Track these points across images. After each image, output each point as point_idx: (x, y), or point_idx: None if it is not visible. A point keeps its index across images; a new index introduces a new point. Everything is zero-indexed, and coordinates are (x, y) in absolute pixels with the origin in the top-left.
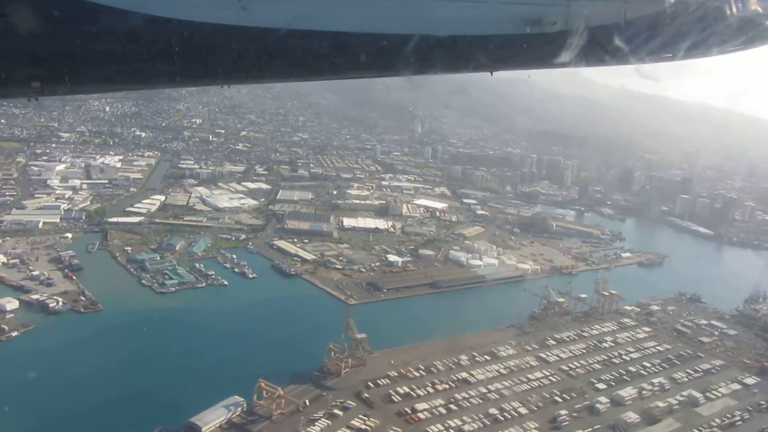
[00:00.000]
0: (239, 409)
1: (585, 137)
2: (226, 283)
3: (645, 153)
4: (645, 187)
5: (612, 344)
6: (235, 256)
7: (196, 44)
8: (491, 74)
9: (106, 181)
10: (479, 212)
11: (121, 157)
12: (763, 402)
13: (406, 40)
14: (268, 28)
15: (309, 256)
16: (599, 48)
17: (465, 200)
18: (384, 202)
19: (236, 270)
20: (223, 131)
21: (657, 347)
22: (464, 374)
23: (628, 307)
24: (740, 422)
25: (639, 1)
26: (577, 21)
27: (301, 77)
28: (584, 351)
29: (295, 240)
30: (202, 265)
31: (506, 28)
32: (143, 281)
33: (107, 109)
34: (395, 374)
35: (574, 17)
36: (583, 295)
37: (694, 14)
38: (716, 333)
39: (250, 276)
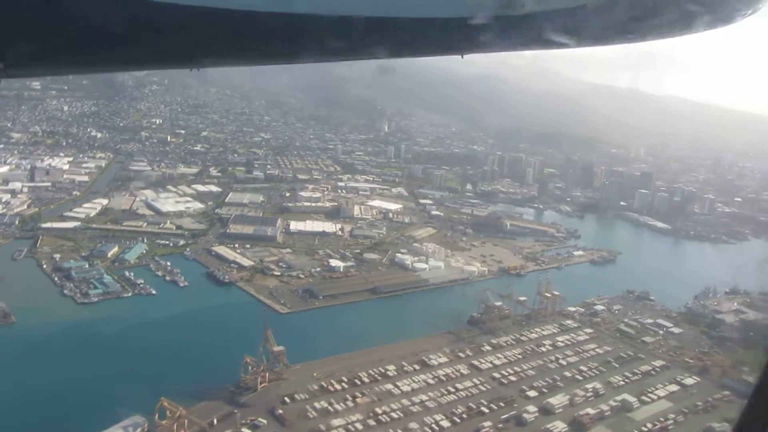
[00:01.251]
0: (139, 429)
1: (552, 133)
2: (154, 292)
3: (611, 148)
4: (605, 183)
5: (550, 348)
6: (169, 264)
7: (164, 25)
8: (462, 57)
9: (50, 184)
10: (434, 213)
11: (70, 159)
12: (699, 403)
13: (374, 23)
14: (236, 10)
15: (247, 263)
16: (569, 29)
17: (421, 200)
18: (336, 204)
19: (168, 278)
20: (183, 132)
21: (596, 350)
22: (389, 386)
23: (572, 308)
24: (673, 426)
25: None
26: (546, 2)
27: (267, 60)
28: (519, 356)
29: (236, 245)
30: (132, 273)
31: (475, 10)
32: (65, 291)
33: (65, 108)
34: (316, 388)
35: None
36: (523, 298)
37: None
38: (661, 332)
39: (181, 284)
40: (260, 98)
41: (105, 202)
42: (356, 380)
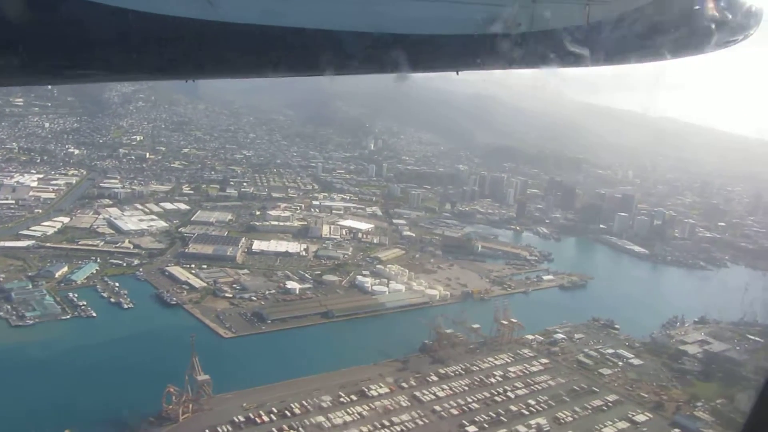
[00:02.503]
0: None
1: (540, 154)
2: (94, 315)
3: (599, 169)
4: (585, 205)
5: (499, 379)
6: (117, 284)
7: (159, 37)
8: (457, 74)
9: (13, 202)
10: (405, 233)
11: (41, 176)
12: None
13: (371, 38)
14: (234, 23)
15: (200, 284)
16: (563, 49)
17: (395, 220)
18: (306, 223)
19: (113, 300)
20: (163, 148)
21: (549, 382)
22: (321, 418)
23: (530, 336)
24: None
25: (602, 4)
26: (542, 22)
27: (264, 73)
28: (466, 388)
29: (192, 266)
30: (76, 295)
31: (472, 28)
32: (0, 313)
33: (47, 125)
34: (242, 419)
35: (538, 19)
36: (476, 325)
37: (655, 17)
38: (620, 363)
39: (125, 306)
40: (249, 115)
41: (66, 220)
42: (287, 411)
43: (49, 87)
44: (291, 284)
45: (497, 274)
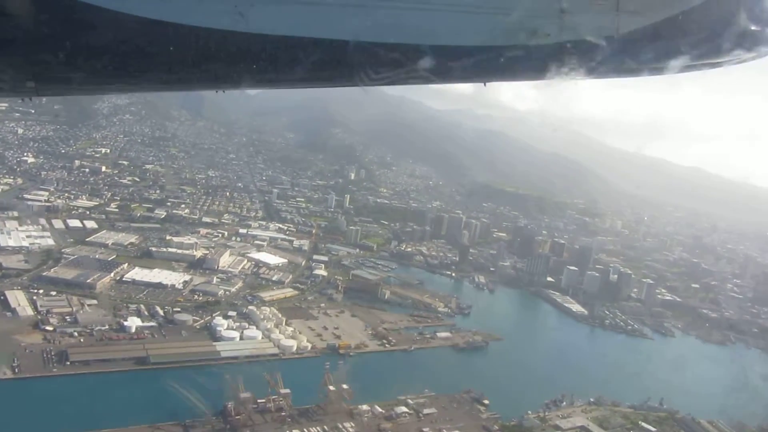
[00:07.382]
0: None
1: (527, 195)
2: None
3: (585, 216)
4: (541, 255)
5: None
6: None
7: (192, 48)
8: (485, 85)
9: None
10: (316, 272)
11: None
12: None
13: (400, 50)
14: (265, 35)
15: (28, 313)
16: (592, 60)
17: (315, 257)
18: (208, 252)
19: None
20: (126, 163)
21: None
22: None
23: (365, 407)
24: None
25: (632, 14)
26: (571, 33)
27: (295, 84)
28: None
29: (41, 291)
30: None
31: (500, 39)
32: None
33: (20, 131)
34: None
35: (567, 29)
36: (285, 390)
37: (687, 27)
38: None
39: None
40: (244, 136)
41: None
42: None
43: None
44: (131, 321)
45: (389, 326)
